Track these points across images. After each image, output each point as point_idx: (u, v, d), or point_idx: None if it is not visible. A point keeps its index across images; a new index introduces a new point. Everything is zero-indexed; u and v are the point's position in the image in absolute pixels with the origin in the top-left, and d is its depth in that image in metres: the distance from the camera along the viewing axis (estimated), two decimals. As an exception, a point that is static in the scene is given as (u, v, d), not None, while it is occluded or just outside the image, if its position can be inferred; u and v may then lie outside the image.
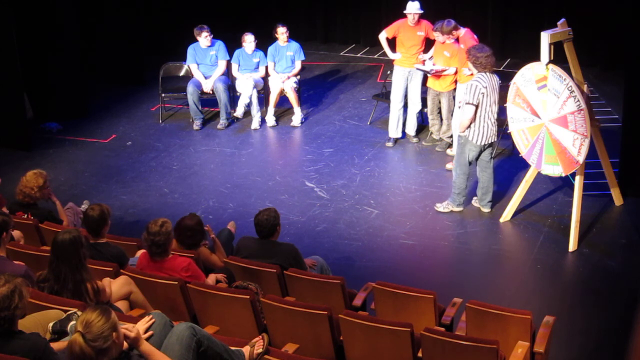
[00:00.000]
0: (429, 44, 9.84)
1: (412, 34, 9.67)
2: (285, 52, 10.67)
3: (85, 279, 5.09)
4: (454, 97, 9.41)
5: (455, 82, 9.32)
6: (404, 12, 9.68)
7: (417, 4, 9.61)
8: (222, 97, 10.51)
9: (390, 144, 10.00)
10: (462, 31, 9.24)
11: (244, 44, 10.70)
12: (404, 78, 9.80)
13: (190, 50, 10.70)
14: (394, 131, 10.00)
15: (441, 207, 8.42)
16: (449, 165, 9.34)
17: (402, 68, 9.80)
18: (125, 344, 4.08)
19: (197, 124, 10.64)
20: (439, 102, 9.59)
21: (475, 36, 9.32)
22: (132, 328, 4.13)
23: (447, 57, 9.25)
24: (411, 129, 10.06)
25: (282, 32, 10.60)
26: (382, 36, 9.88)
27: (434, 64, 9.41)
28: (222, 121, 10.63)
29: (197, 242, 6.26)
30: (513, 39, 12.58)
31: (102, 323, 3.84)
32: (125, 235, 7.08)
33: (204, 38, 10.58)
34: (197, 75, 10.66)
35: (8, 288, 4.20)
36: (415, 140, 10.07)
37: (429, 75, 9.49)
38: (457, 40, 9.24)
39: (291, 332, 5.28)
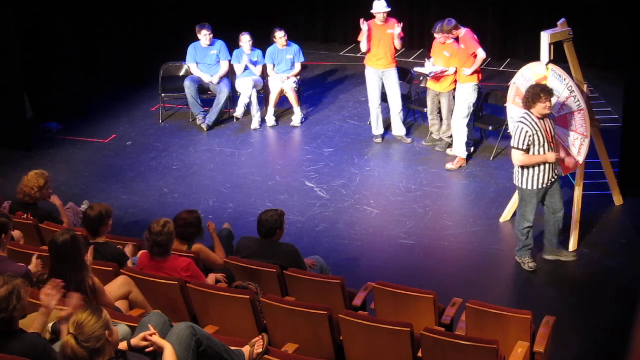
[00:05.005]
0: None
1: (382, 33, 9.68)
2: (285, 56, 10.64)
3: (86, 277, 5.10)
4: (453, 97, 9.39)
5: (455, 82, 9.29)
6: (372, 12, 9.69)
7: (383, 3, 9.63)
8: (220, 100, 10.48)
9: (379, 140, 10.03)
10: (463, 31, 9.23)
11: (241, 44, 10.69)
12: (377, 77, 9.81)
13: (190, 49, 10.69)
14: (376, 129, 10.04)
15: None
16: (449, 165, 9.34)
17: (373, 69, 9.81)
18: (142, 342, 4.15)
19: (200, 119, 10.57)
20: (439, 103, 9.58)
21: (475, 36, 9.30)
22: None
23: (446, 57, 9.24)
24: (398, 130, 10.03)
25: (280, 36, 10.56)
26: (363, 46, 9.79)
27: (433, 65, 9.40)
28: (202, 118, 10.51)
29: (189, 235, 6.27)
30: (513, 39, 12.56)
31: (94, 322, 3.77)
32: (125, 235, 7.08)
33: (203, 36, 10.57)
34: (197, 73, 10.64)
35: (6, 290, 4.19)
36: (409, 140, 10.04)
37: (428, 77, 9.48)
38: (457, 40, 9.23)
39: (291, 332, 5.28)
